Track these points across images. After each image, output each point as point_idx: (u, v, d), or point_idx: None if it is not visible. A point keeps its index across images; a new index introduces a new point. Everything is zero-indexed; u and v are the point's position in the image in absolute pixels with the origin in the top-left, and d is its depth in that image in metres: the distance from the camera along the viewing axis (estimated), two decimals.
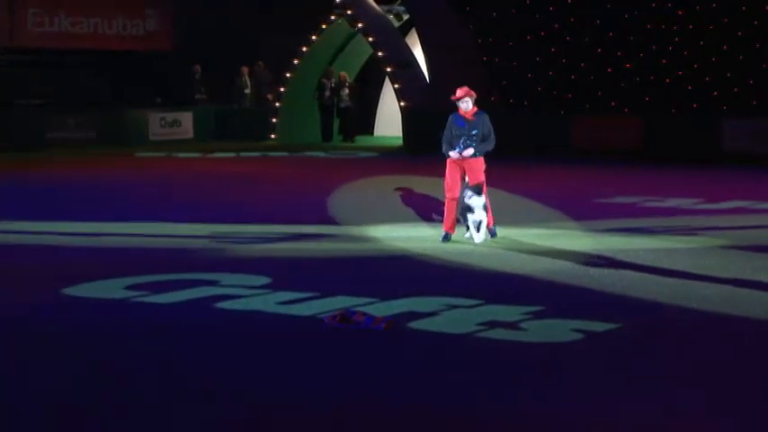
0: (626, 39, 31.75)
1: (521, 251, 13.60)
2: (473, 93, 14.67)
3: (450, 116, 14.79)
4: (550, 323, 9.79)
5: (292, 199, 19.61)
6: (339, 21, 33.32)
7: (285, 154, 29.85)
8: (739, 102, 29.84)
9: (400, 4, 34.88)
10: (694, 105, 30.43)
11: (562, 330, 9.52)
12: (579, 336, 9.32)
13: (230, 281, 11.94)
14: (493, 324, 9.77)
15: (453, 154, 14.39)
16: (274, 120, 34.08)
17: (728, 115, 28.87)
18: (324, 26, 33.60)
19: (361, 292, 11.22)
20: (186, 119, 34.66)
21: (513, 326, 9.70)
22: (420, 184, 21.06)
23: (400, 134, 33.12)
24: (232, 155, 29.50)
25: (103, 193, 20.88)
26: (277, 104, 34.06)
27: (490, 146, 14.53)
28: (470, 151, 14.31)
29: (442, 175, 14.82)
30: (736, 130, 28.20)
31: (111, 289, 11.58)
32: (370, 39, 32.76)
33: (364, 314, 10.00)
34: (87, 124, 32.55)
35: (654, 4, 31.92)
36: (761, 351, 8.95)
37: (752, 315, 9.98)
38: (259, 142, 33.21)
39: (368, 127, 36.39)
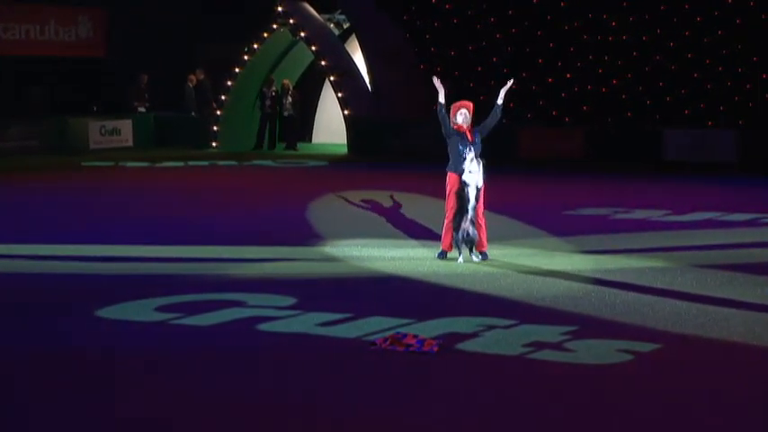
0: (566, 49, 32.50)
1: (522, 271, 13.94)
2: (470, 104, 14.80)
3: (453, 132, 14.77)
4: (594, 344, 10.21)
5: (271, 214, 19.80)
6: (281, 30, 33.52)
7: (234, 163, 29.98)
8: (672, 111, 30.78)
9: (340, 13, 35.24)
10: (628, 114, 31.30)
11: (608, 351, 9.96)
12: (629, 357, 9.77)
13: (257, 301, 12.16)
14: (539, 345, 10.18)
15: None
16: (216, 128, 34.16)
17: (670, 125, 29.76)
18: (266, 35, 33.76)
19: (390, 312, 11.54)
20: (126, 127, 34.59)
21: (559, 347, 10.13)
22: (381, 197, 21.43)
23: (339, 141, 33.62)
24: (180, 164, 29.55)
25: (67, 209, 20.88)
26: (218, 113, 34.15)
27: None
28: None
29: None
30: (677, 139, 29.07)
31: (144, 311, 11.76)
32: (313, 48, 33.04)
33: (415, 336, 10.33)
34: (28, 133, 32.32)
35: (590, 15, 32.71)
36: None
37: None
38: (200, 150, 33.30)
39: (306, 134, 36.64)
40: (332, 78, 32.89)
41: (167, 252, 15.53)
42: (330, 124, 35.90)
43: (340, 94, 32.55)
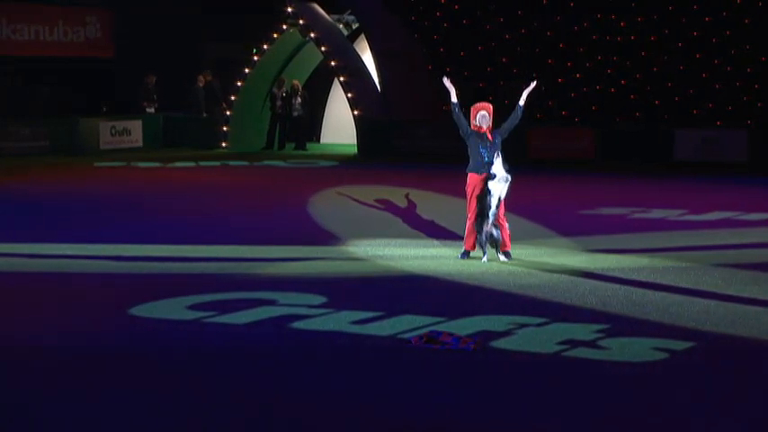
0: (575, 49, 32.62)
1: (546, 270, 14.05)
2: (489, 106, 14.94)
3: (472, 133, 14.91)
4: (627, 342, 10.31)
5: (288, 214, 19.88)
6: (291, 30, 33.62)
7: (245, 163, 30.07)
8: (681, 111, 30.89)
9: (350, 14, 35.36)
10: (637, 114, 31.41)
11: (643, 349, 10.06)
12: (665, 355, 9.87)
13: (288, 300, 12.25)
14: (573, 343, 10.28)
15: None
16: (225, 128, 34.27)
17: (679, 125, 29.87)
18: (275, 35, 33.86)
19: (421, 311, 11.63)
20: (136, 127, 34.66)
21: (593, 345, 10.23)
22: (396, 196, 21.54)
23: (347, 141, 33.77)
24: (191, 164, 29.65)
25: (89, 209, 20.99)
26: (228, 113, 34.27)
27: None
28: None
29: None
30: (688, 139, 29.16)
31: (176, 309, 11.83)
32: (323, 48, 33.15)
33: (450, 334, 10.43)
34: (39, 133, 32.40)
35: (599, 16, 32.85)
36: None
37: None
38: (210, 151, 33.40)
39: (313, 135, 36.75)
40: (342, 79, 32.96)
41: (194, 252, 15.61)
42: (338, 124, 36.05)
43: (349, 95, 32.65)
